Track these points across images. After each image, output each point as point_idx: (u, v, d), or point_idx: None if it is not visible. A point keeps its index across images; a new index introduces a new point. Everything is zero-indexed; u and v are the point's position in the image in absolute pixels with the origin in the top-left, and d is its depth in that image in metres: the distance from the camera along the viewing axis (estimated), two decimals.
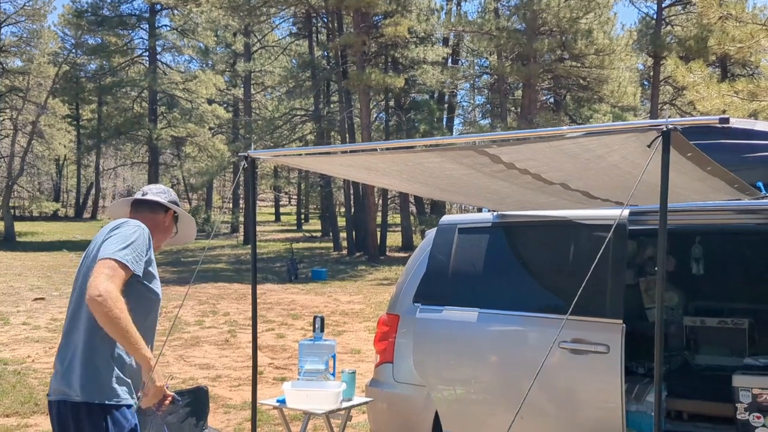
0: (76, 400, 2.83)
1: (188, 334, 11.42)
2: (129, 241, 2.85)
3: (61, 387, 2.89)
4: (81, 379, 2.85)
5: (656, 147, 2.24)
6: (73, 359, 2.88)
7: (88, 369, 2.86)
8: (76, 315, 2.94)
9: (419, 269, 4.78)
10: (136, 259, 2.84)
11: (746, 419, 3.93)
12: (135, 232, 2.90)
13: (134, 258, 2.84)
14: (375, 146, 2.97)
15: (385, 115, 31.80)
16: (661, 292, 2.50)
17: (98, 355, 2.87)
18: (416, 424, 4.58)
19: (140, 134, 36.23)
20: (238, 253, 29.16)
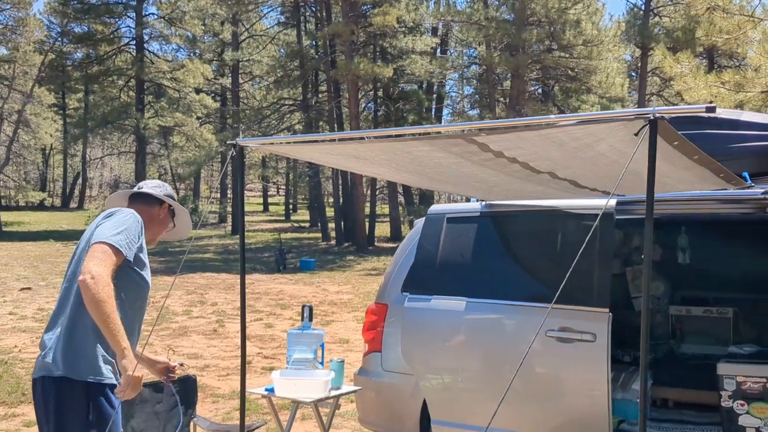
0: (58, 374, 2.86)
1: (176, 324, 11.40)
2: (123, 227, 2.91)
3: (45, 362, 2.92)
4: (64, 354, 2.88)
5: (643, 135, 2.25)
6: (60, 336, 2.93)
7: (73, 345, 2.89)
8: (66, 296, 2.99)
9: (408, 259, 4.80)
10: (129, 244, 2.91)
11: (730, 407, 3.98)
12: (128, 218, 2.97)
13: (127, 243, 2.90)
14: (363, 134, 2.97)
15: (373, 105, 31.74)
16: (647, 280, 2.52)
17: (84, 333, 2.90)
18: (404, 412, 4.61)
19: (127, 123, 35.96)
20: (226, 243, 29.09)
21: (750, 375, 3.95)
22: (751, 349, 4.40)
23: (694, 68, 12.02)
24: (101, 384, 2.91)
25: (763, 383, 3.90)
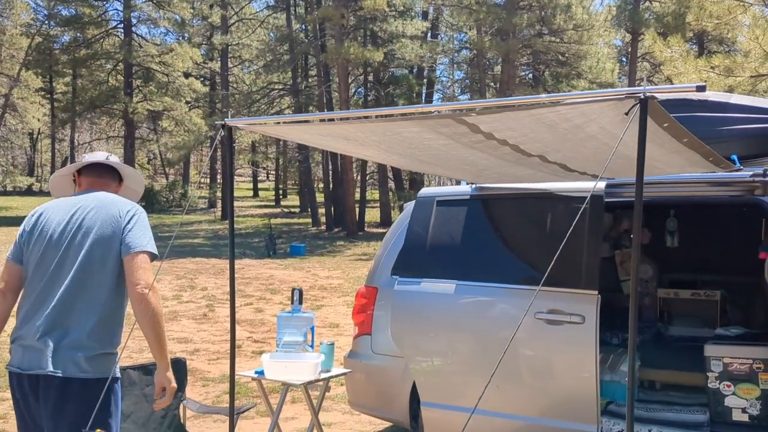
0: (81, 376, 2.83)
1: (166, 309, 11.38)
2: (148, 229, 2.95)
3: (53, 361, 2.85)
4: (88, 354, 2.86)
5: (633, 115, 2.25)
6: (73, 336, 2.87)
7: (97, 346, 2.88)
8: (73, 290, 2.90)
9: (397, 242, 4.80)
10: (152, 240, 2.96)
11: (717, 388, 4.02)
12: (145, 217, 2.99)
13: (151, 239, 2.95)
14: (353, 114, 2.96)
15: (363, 89, 31.62)
16: (636, 261, 2.53)
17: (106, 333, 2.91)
18: (394, 394, 4.63)
19: (116, 108, 35.68)
20: (215, 228, 29.01)
21: (737, 356, 3.98)
22: (738, 331, 4.45)
23: (684, 53, 12.03)
24: (116, 378, 2.96)
25: (749, 364, 3.94)
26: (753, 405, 3.93)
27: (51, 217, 3.01)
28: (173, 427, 4.12)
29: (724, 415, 3.99)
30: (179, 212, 34.20)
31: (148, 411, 4.04)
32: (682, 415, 4.17)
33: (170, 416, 4.13)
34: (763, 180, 3.74)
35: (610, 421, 4.08)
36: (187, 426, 4.30)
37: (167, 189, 39.40)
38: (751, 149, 4.10)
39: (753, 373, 3.93)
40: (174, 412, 4.15)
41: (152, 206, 36.17)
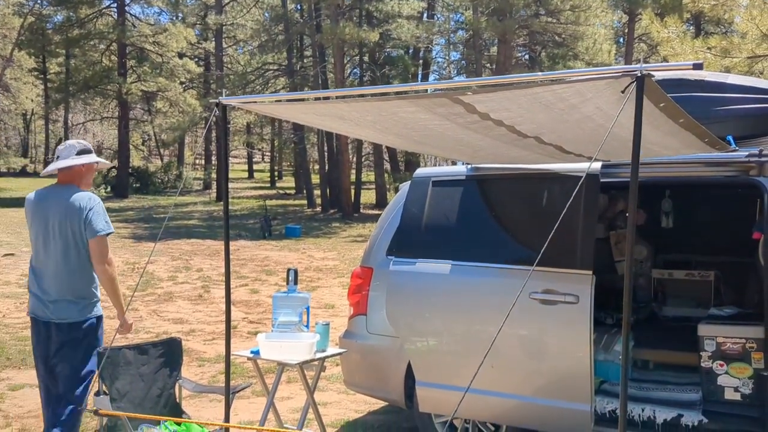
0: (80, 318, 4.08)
1: (161, 290, 11.39)
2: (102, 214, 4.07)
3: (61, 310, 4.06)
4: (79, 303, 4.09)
5: (630, 94, 2.24)
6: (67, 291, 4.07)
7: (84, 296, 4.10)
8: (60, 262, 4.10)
9: (393, 222, 4.80)
10: (108, 223, 4.11)
11: (710, 367, 4.04)
12: (99, 204, 4.10)
13: (107, 222, 4.10)
14: (348, 93, 2.94)
15: (359, 70, 31.45)
16: (631, 241, 2.53)
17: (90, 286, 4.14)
18: (389, 374, 4.65)
19: (109, 88, 35.41)
20: (210, 209, 28.96)
21: (730, 336, 4.01)
22: (732, 310, 4.47)
23: (681, 33, 11.98)
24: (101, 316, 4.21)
25: (742, 344, 3.97)
26: (745, 384, 3.96)
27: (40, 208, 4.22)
28: (169, 407, 4.13)
29: (716, 394, 4.02)
30: (174, 193, 34.13)
31: (144, 390, 4.06)
32: (675, 394, 4.20)
33: (166, 395, 4.15)
34: (758, 160, 3.74)
35: (604, 400, 4.11)
36: (182, 405, 4.31)
37: (162, 170, 39.27)
38: (747, 129, 4.10)
39: (746, 353, 3.96)
40: (170, 391, 4.17)
41: (147, 188, 36.07)
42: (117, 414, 3.58)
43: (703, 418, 3.86)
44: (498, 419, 4.24)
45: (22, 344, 7.55)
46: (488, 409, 4.16)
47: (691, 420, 3.86)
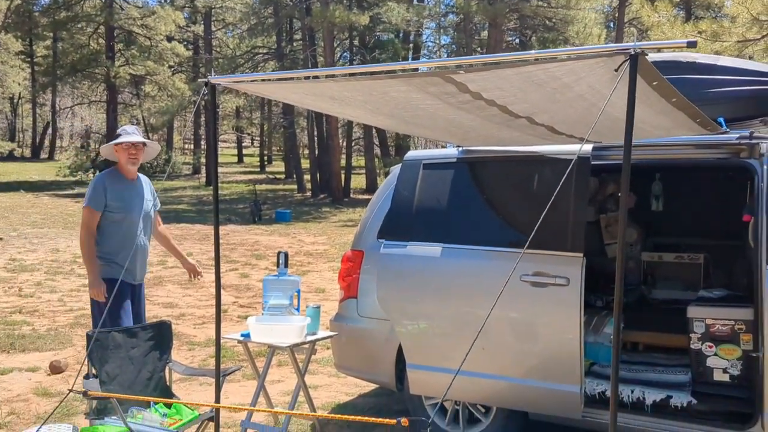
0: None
1: (151, 274, 11.34)
2: (89, 189, 4.74)
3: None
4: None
5: (623, 72, 2.22)
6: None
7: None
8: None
9: (384, 205, 4.78)
10: (90, 201, 4.68)
11: (699, 348, 4.07)
12: (92, 181, 4.79)
13: (90, 200, 4.68)
14: (339, 71, 2.91)
15: (349, 54, 31.29)
16: (623, 223, 2.52)
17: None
18: (380, 357, 4.65)
19: (97, 72, 35.08)
20: (200, 194, 28.86)
21: (719, 318, 4.03)
22: (721, 293, 4.49)
23: (671, 18, 11.97)
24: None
25: (731, 326, 3.99)
26: (734, 365, 3.98)
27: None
28: (159, 390, 4.12)
29: (705, 375, 4.05)
30: (163, 178, 33.94)
31: (134, 373, 4.04)
32: (664, 376, 4.23)
33: (156, 379, 4.13)
34: (749, 142, 3.74)
35: (594, 381, 4.13)
36: (173, 388, 4.30)
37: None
38: (738, 111, 4.10)
39: (734, 334, 3.98)
40: (159, 374, 4.15)
41: None
42: (107, 396, 3.57)
43: (692, 399, 3.89)
44: (488, 401, 4.26)
45: (11, 329, 7.52)
46: (479, 391, 4.17)
47: (680, 401, 3.89)
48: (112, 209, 4.68)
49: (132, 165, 4.77)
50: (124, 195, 4.75)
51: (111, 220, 4.70)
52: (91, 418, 3.73)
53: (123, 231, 4.72)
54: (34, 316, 8.24)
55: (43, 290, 9.64)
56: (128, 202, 4.75)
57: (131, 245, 4.69)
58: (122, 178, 4.80)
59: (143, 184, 4.94)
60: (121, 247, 4.70)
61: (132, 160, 4.76)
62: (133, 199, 4.79)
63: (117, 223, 4.70)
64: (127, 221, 4.73)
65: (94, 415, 3.75)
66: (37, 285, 9.98)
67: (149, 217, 4.89)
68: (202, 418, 3.89)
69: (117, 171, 4.83)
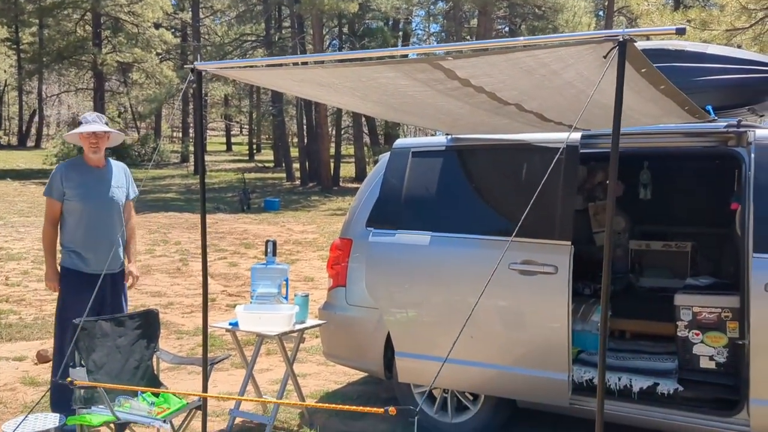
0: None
1: (139, 263, 11.26)
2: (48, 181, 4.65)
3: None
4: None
5: (611, 59, 2.21)
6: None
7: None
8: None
9: (372, 194, 4.77)
10: (48, 190, 4.63)
11: (686, 336, 4.09)
12: (50, 176, 4.68)
13: (48, 189, 4.63)
14: (328, 57, 2.89)
15: (338, 42, 31.14)
16: (611, 211, 2.52)
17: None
18: (368, 345, 4.65)
19: (84, 59, 34.77)
20: (188, 182, 28.72)
21: (706, 305, 4.05)
22: (708, 281, 4.51)
23: (660, 6, 11.98)
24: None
25: (717, 313, 4.01)
26: (720, 353, 4.01)
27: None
28: (146, 378, 4.10)
29: (692, 362, 4.08)
30: (152, 166, 33.78)
31: (121, 362, 4.02)
32: (651, 363, 4.25)
33: (143, 367, 4.11)
34: (737, 131, 3.75)
35: (581, 369, 4.14)
36: (161, 377, 4.29)
37: (138, 143, 38.80)
38: (726, 100, 4.10)
39: (721, 322, 4.01)
40: (147, 363, 4.14)
41: (123, 160, 35.33)
42: (94, 385, 3.55)
43: (679, 387, 3.91)
44: (476, 389, 4.27)
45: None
46: (467, 379, 4.18)
47: (667, 388, 3.91)
48: (70, 197, 4.57)
49: (93, 153, 4.63)
50: (86, 183, 4.62)
51: (71, 209, 4.58)
52: (78, 407, 3.72)
53: (85, 220, 4.59)
54: (21, 305, 8.18)
55: (30, 279, 9.57)
56: (89, 191, 4.61)
57: (95, 234, 4.57)
58: (86, 166, 4.67)
59: (113, 170, 4.77)
60: (84, 237, 4.58)
61: (93, 149, 4.62)
62: (95, 186, 4.63)
63: (77, 212, 4.58)
64: (88, 210, 4.59)
65: (81, 404, 3.74)
66: (23, 274, 9.91)
67: (117, 205, 4.71)
68: (190, 407, 3.87)
69: (82, 159, 4.71)
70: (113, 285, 4.63)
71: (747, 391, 3.54)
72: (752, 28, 12.38)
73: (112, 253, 4.59)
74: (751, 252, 3.56)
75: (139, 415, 3.67)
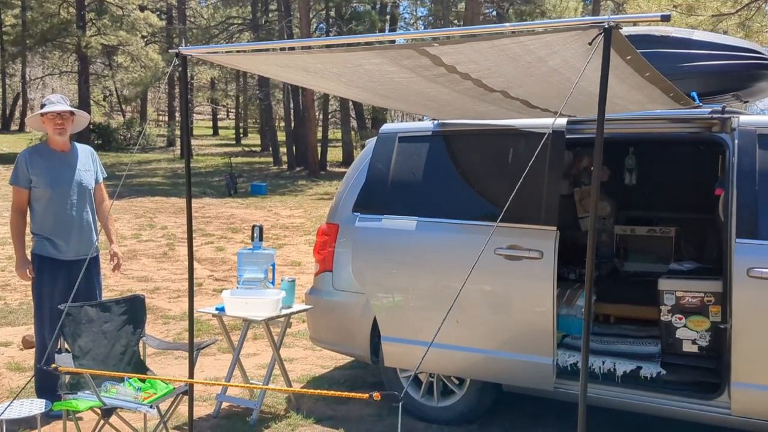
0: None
1: (125, 248, 11.24)
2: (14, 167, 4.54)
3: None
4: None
5: (597, 46, 2.22)
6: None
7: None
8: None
9: (359, 178, 4.77)
10: (14, 177, 4.51)
11: (669, 320, 4.14)
12: (15, 162, 4.54)
13: (14, 177, 4.52)
14: (314, 42, 2.87)
15: (325, 25, 30.94)
16: (595, 197, 2.54)
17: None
18: (355, 330, 4.66)
19: (68, 42, 34.34)
20: (174, 167, 28.55)
21: (689, 290, 4.09)
22: (691, 265, 4.55)
23: None
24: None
25: (700, 298, 4.06)
26: (702, 336, 4.06)
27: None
28: (133, 364, 4.10)
29: (675, 346, 4.12)
30: (138, 150, 33.56)
31: (108, 347, 4.02)
32: (634, 347, 4.29)
33: (130, 353, 4.11)
34: (721, 117, 3.78)
35: (566, 353, 4.18)
36: (147, 363, 4.29)
37: (124, 127, 38.49)
38: (711, 86, 4.12)
39: (704, 306, 4.05)
40: (133, 348, 4.13)
41: (109, 144, 35.34)
42: (79, 371, 3.54)
43: (662, 370, 3.96)
44: (462, 373, 4.30)
45: None
46: (453, 364, 4.21)
47: (650, 372, 3.96)
48: (37, 184, 4.48)
49: (59, 135, 4.53)
50: (53, 168, 4.52)
51: (39, 196, 4.50)
52: (64, 393, 3.71)
53: (54, 206, 4.51)
54: (6, 290, 8.14)
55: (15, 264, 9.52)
56: (56, 176, 4.52)
57: (65, 220, 4.51)
58: (51, 151, 4.57)
59: (79, 154, 4.69)
60: (54, 223, 4.52)
61: (59, 130, 4.52)
62: (62, 171, 4.55)
63: (45, 199, 4.49)
64: (57, 195, 4.50)
65: (67, 390, 3.73)
66: (8, 259, 9.84)
67: (86, 189, 4.64)
68: (177, 392, 3.88)
69: (47, 144, 4.60)
70: (86, 270, 4.49)
71: (728, 375, 3.59)
72: (738, 14, 12.42)
73: (84, 238, 4.57)
74: (734, 237, 3.60)
75: (126, 401, 3.67)
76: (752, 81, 4.26)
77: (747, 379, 3.53)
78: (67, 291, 4.46)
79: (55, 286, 4.51)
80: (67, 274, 4.52)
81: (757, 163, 3.62)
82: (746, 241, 3.57)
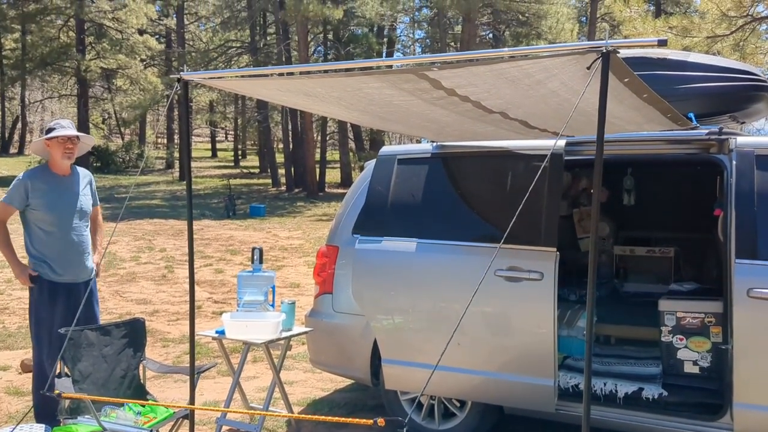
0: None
1: (124, 270, 11.23)
2: (10, 188, 4.49)
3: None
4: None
5: (595, 69, 2.24)
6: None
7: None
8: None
9: (358, 200, 4.78)
10: (9, 197, 4.45)
11: (670, 341, 4.13)
12: (12, 184, 4.50)
13: (9, 197, 4.46)
14: (313, 68, 2.90)
15: (323, 48, 31.16)
16: (595, 218, 2.55)
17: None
18: (355, 352, 4.65)
19: (68, 65, 34.55)
20: (173, 189, 28.59)
21: (689, 311, 4.09)
22: (691, 286, 4.56)
23: (642, 13, 12.10)
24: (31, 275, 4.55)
25: (701, 318, 4.05)
26: (704, 357, 4.05)
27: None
28: (133, 388, 4.08)
29: (676, 367, 4.11)
30: (136, 173, 33.62)
31: (108, 371, 4.00)
32: (635, 368, 4.28)
33: (130, 377, 4.10)
34: (718, 138, 3.80)
35: (567, 375, 4.17)
36: (147, 386, 4.27)
37: (123, 149, 38.60)
38: (707, 107, 4.16)
39: (705, 327, 4.05)
40: (133, 372, 4.12)
41: (108, 167, 35.43)
42: (81, 397, 3.53)
43: (663, 392, 3.95)
44: (463, 395, 4.28)
45: None
46: (454, 386, 4.19)
47: (652, 393, 3.94)
48: (38, 207, 4.44)
49: (68, 159, 4.53)
50: (54, 193, 4.50)
51: (38, 219, 4.46)
52: (63, 418, 3.69)
53: (56, 231, 4.48)
54: (5, 313, 8.11)
55: (14, 287, 9.49)
56: (57, 201, 4.50)
57: (66, 246, 4.49)
58: (53, 176, 4.55)
59: (79, 178, 4.68)
60: (56, 250, 4.48)
61: (68, 155, 4.52)
62: (62, 196, 4.54)
63: (46, 222, 4.46)
64: (58, 219, 4.48)
65: (67, 414, 3.71)
66: (7, 282, 9.83)
67: (85, 213, 4.64)
68: (177, 416, 3.86)
69: (47, 168, 4.58)
70: (89, 294, 4.51)
71: (731, 396, 3.58)
72: (733, 36, 12.54)
73: (83, 262, 4.56)
74: (734, 258, 3.60)
75: (126, 425, 3.65)
76: (749, 102, 4.29)
77: (749, 399, 3.52)
78: (65, 314, 4.42)
79: (54, 309, 4.48)
80: (66, 298, 4.50)
81: (756, 184, 3.64)
82: (746, 262, 3.58)
